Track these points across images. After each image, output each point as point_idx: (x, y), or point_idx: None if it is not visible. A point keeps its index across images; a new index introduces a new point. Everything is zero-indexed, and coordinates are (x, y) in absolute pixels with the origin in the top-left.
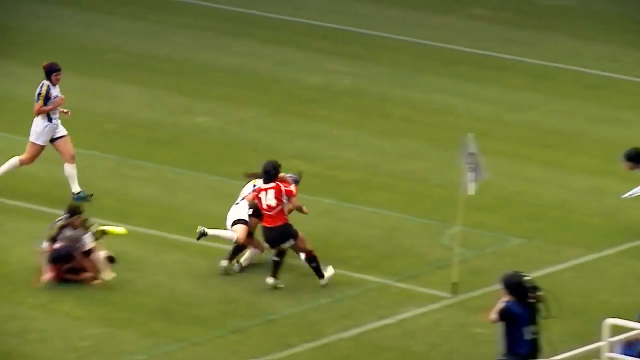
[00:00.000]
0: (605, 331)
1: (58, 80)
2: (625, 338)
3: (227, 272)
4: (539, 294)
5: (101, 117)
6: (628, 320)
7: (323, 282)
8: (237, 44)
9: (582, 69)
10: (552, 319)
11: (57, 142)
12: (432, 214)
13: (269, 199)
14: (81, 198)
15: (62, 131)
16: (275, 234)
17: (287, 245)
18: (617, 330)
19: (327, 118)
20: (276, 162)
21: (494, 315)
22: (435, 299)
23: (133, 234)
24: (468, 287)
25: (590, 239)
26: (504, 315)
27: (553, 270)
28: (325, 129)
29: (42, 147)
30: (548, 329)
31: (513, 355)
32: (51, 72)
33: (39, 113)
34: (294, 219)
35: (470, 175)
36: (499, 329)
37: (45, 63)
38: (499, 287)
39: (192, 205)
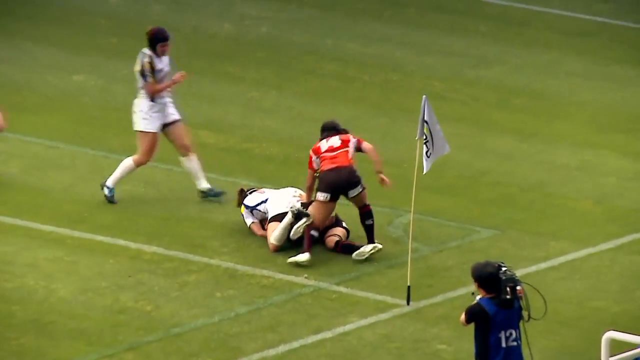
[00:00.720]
0: (604, 347)
1: (164, 52)
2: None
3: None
4: (518, 288)
5: None
6: (631, 333)
7: (379, 245)
8: None
9: (563, 12)
10: (535, 322)
11: (168, 129)
12: (378, 197)
13: (330, 142)
14: (215, 195)
15: (174, 114)
16: (344, 173)
17: (354, 192)
18: (618, 345)
19: (238, 77)
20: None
21: (463, 316)
22: (384, 307)
23: None
24: (426, 291)
25: (579, 229)
26: (474, 315)
27: (533, 270)
28: (237, 90)
29: (156, 135)
30: (529, 343)
31: None
32: (157, 41)
33: (154, 93)
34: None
35: (425, 149)
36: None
37: (151, 28)
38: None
39: (70, 187)
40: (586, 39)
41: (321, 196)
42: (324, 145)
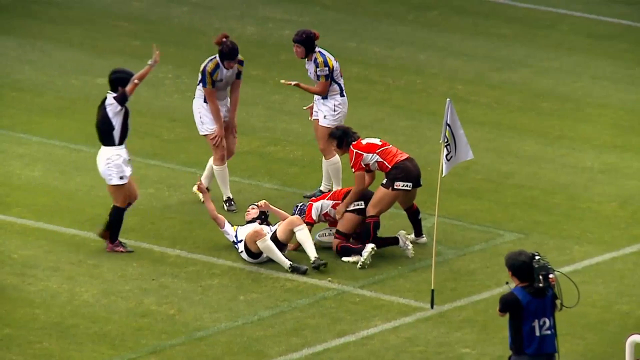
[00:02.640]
0: (629, 351)
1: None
2: None
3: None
4: (551, 276)
5: None
6: None
7: (424, 239)
8: None
9: (587, 15)
10: (559, 326)
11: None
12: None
13: (373, 140)
14: None
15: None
16: (416, 164)
17: (421, 182)
18: None
19: (261, 79)
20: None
21: (498, 305)
22: (407, 311)
23: (16, 227)
24: (449, 294)
25: (604, 233)
26: (507, 304)
27: (557, 273)
28: (260, 93)
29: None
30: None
31: (520, 355)
32: (224, 57)
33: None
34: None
35: (446, 152)
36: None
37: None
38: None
39: (93, 190)
40: (610, 42)
41: (403, 185)
42: (374, 141)
